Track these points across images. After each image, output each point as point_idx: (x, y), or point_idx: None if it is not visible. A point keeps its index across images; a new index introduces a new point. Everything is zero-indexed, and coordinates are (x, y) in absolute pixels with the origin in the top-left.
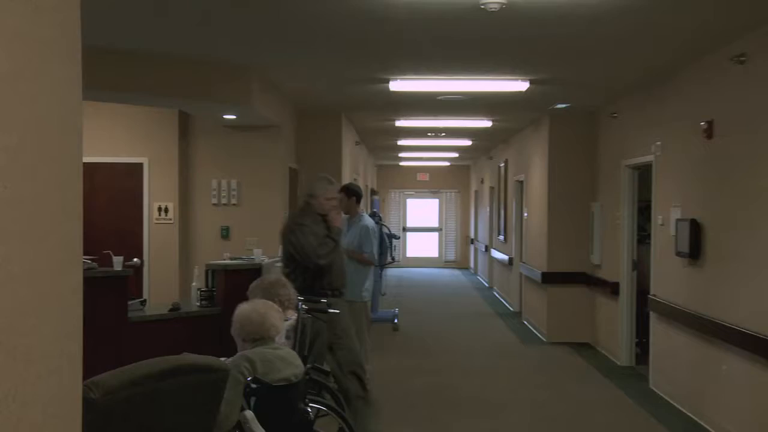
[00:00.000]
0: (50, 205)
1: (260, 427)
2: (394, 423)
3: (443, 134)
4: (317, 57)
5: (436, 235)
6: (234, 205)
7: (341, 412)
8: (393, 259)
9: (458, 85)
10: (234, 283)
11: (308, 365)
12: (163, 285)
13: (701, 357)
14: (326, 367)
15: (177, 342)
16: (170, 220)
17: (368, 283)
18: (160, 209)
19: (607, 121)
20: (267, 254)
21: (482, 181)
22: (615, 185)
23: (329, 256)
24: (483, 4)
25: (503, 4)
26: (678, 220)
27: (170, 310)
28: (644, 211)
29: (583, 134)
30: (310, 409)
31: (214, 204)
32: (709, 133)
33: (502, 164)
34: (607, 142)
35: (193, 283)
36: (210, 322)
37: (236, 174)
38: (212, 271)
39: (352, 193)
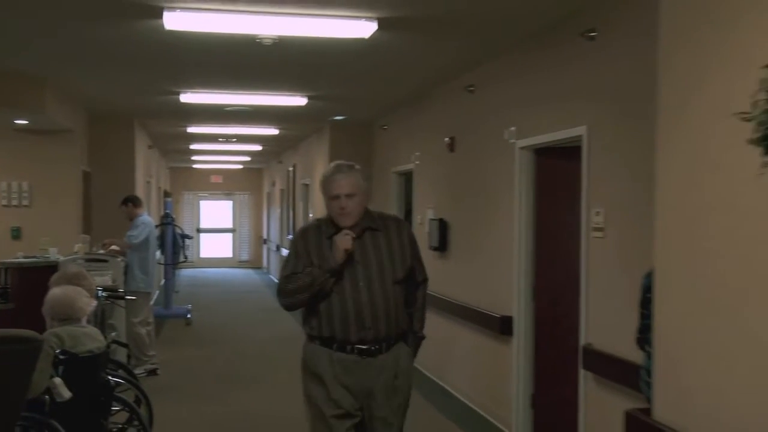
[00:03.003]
0: None
1: (67, 390)
2: (186, 400)
3: (234, 140)
4: (112, 71)
5: (230, 236)
6: (25, 206)
7: (136, 383)
8: (186, 258)
9: (245, 98)
10: (29, 280)
11: (109, 340)
12: None
13: (446, 333)
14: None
15: None
16: None
17: (148, 273)
18: None
19: (380, 133)
20: (62, 253)
21: (274, 184)
22: (386, 189)
23: (295, 295)
24: (258, 39)
25: (275, 39)
26: (431, 219)
27: None
28: (411, 213)
29: (359, 143)
30: (110, 378)
31: (5, 205)
32: (451, 147)
33: (291, 168)
34: (379, 151)
35: None
36: (4, 317)
37: (28, 176)
38: (6, 269)
39: (126, 201)
